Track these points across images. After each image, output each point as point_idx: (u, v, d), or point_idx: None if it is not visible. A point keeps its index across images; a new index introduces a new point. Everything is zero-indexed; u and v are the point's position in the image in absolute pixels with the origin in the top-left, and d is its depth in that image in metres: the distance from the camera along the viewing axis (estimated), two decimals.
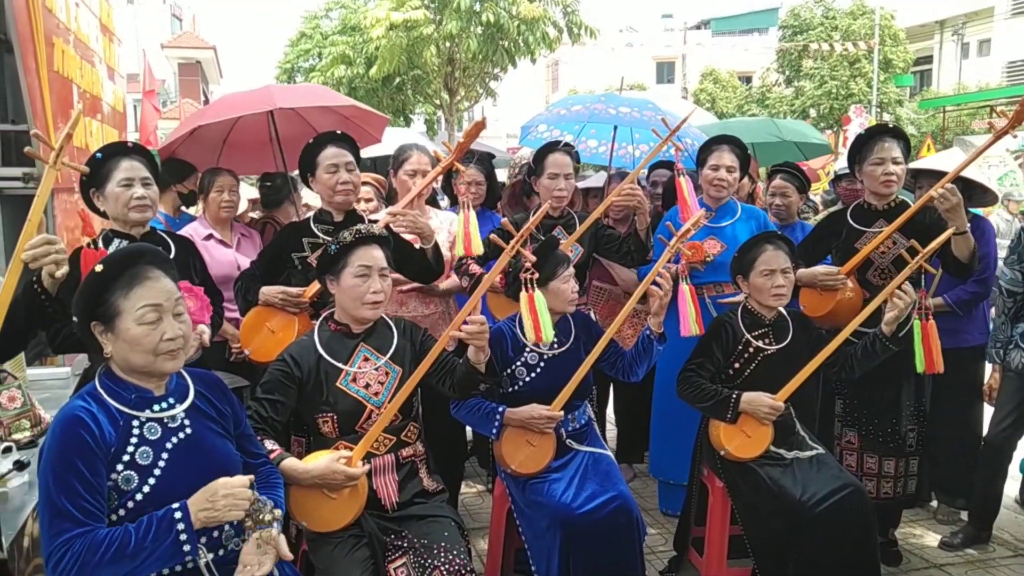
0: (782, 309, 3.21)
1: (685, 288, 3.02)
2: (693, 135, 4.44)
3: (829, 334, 3.17)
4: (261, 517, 1.86)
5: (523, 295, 2.67)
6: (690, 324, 3.02)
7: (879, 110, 26.36)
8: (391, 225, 3.13)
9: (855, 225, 3.52)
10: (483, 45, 15.86)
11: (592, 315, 3.81)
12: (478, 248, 3.11)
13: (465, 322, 2.55)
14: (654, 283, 2.94)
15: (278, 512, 1.92)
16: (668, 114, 3.82)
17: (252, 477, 1.92)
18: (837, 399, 3.62)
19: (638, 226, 3.55)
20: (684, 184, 3.43)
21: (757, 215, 3.94)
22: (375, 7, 16.59)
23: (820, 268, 3.46)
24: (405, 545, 2.46)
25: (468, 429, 4.43)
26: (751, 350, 3.16)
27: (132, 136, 7.43)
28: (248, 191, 6.09)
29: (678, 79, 37.55)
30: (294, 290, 3.10)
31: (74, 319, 1.90)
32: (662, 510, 4.19)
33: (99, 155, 2.80)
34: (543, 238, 3.20)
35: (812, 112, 27.27)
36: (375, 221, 3.20)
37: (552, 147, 3.67)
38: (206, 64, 32.77)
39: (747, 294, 3.20)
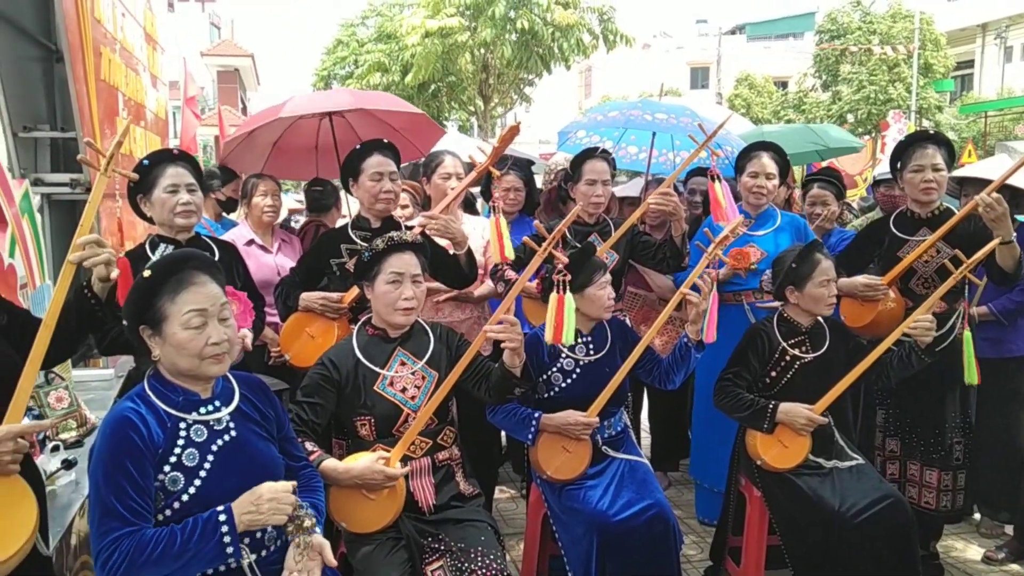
0: (819, 317, 3.18)
1: (714, 295, 3.00)
2: (733, 142, 4.40)
3: (869, 344, 3.12)
4: (303, 523, 1.89)
5: (553, 295, 2.66)
6: (714, 332, 2.99)
7: (918, 115, 25.94)
8: (425, 230, 3.15)
9: (898, 233, 3.47)
10: (517, 52, 15.91)
11: (627, 321, 3.80)
12: (510, 254, 3.12)
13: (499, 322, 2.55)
14: (692, 290, 2.93)
15: (313, 521, 1.94)
16: (706, 120, 3.79)
17: (295, 483, 1.96)
18: (879, 409, 3.57)
19: (673, 232, 3.53)
20: (718, 188, 3.39)
21: (797, 223, 3.90)
22: (411, 15, 16.72)
23: (861, 278, 3.41)
24: (442, 548, 2.47)
25: (502, 434, 4.44)
26: (787, 358, 3.13)
27: (173, 143, 7.56)
28: (286, 201, 6.18)
29: (712, 84, 37.31)
30: (334, 295, 3.15)
31: (124, 323, 1.94)
32: (699, 519, 4.16)
33: (146, 162, 2.87)
34: (579, 245, 3.20)
35: (850, 117, 26.91)
36: (411, 227, 3.23)
37: (589, 153, 3.67)
38: (244, 72, 33.33)
39: (791, 303, 3.16)
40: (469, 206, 4.54)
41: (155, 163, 2.86)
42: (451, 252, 3.27)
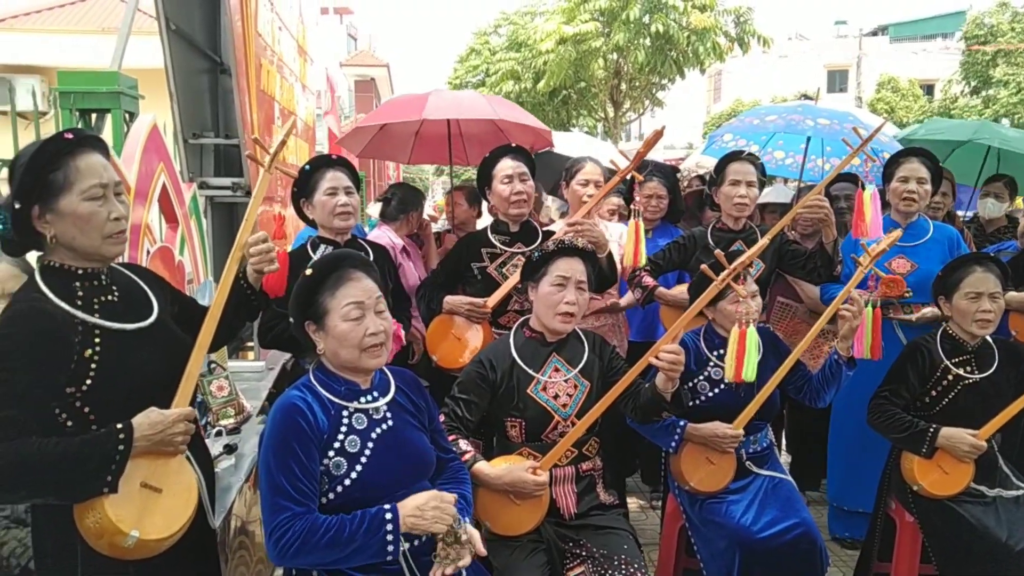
0: (987, 336, 2.98)
1: (870, 311, 2.88)
2: (890, 148, 4.18)
3: None
4: (459, 537, 1.94)
5: (736, 331, 2.58)
6: (864, 347, 2.87)
7: None
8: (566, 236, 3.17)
9: None
10: (651, 56, 15.67)
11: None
12: (643, 260, 3.15)
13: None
14: (844, 304, 2.81)
15: (468, 536, 2.00)
16: (868, 127, 3.61)
17: (456, 496, 2.03)
18: None
19: (824, 240, 3.38)
20: (867, 198, 3.22)
21: (950, 234, 3.67)
22: (545, 21, 16.78)
23: None
24: (584, 554, 2.47)
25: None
26: (950, 378, 2.94)
27: (318, 148, 7.93)
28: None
29: (851, 88, 35.64)
30: (479, 300, 3.22)
31: (290, 320, 2.06)
32: (831, 534, 3.97)
33: (307, 167, 3.04)
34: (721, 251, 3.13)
35: (1004, 122, 25.07)
36: (551, 232, 3.26)
37: (735, 155, 3.58)
38: (380, 81, 34.56)
39: (948, 316, 2.99)
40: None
41: (315, 168, 3.03)
42: None
